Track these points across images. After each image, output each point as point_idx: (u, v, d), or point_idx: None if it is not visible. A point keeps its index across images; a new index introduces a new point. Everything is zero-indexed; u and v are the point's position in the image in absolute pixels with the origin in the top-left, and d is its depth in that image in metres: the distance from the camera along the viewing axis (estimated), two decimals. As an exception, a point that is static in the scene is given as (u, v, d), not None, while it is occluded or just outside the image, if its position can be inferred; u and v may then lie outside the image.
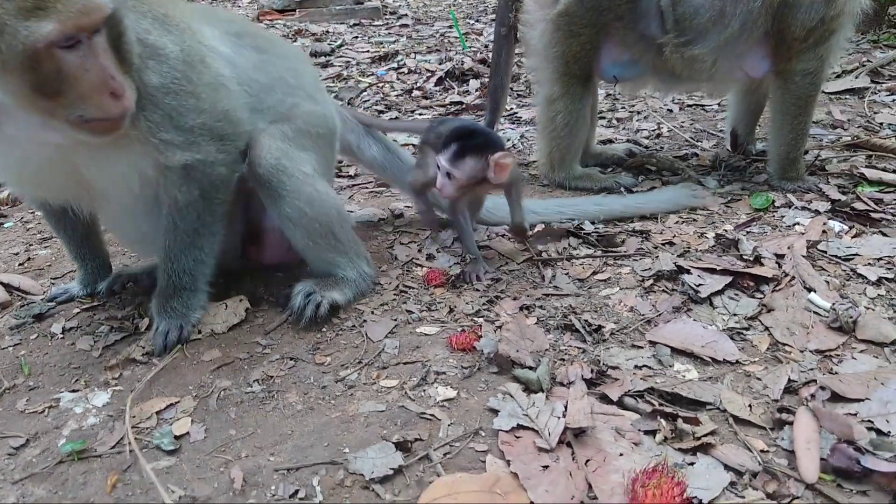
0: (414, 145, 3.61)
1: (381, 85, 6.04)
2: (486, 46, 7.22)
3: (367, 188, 3.78)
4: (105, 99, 1.99)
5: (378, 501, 1.80)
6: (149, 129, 2.20)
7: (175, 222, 2.41)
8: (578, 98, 3.38)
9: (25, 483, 1.95)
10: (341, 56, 7.41)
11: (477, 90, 5.61)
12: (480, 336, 2.35)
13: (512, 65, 3.89)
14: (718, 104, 4.79)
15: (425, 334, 2.46)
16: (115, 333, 2.59)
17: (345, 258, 2.64)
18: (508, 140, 4.34)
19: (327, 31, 8.74)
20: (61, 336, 2.60)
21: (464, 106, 5.21)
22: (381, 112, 5.27)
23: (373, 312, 2.59)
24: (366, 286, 2.67)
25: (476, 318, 2.51)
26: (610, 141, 4.20)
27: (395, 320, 2.54)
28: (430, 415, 2.08)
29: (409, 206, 3.40)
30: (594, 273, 2.76)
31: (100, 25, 1.94)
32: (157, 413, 2.16)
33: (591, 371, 2.20)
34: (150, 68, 2.18)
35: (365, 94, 5.82)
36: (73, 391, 2.29)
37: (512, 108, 5.22)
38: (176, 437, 2.06)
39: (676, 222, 3.14)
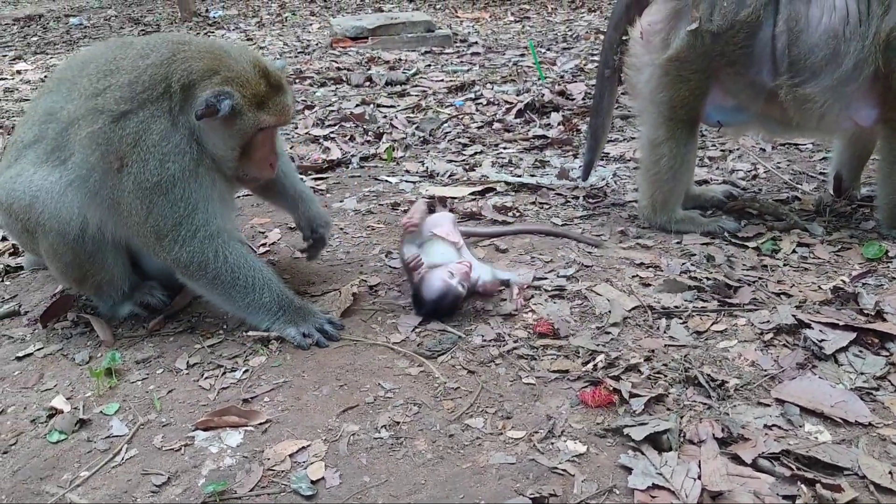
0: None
1: (460, 116, 6.10)
2: (562, 77, 7.24)
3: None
4: (265, 166, 2.83)
5: (521, 559, 1.81)
6: None
7: None
8: (684, 143, 3.37)
9: (172, 523, 2.02)
10: (416, 85, 7.51)
11: (560, 124, 5.63)
12: (616, 392, 2.34)
13: (613, 106, 3.90)
14: (813, 143, 4.72)
15: (543, 382, 2.47)
16: (227, 375, 2.65)
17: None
18: (602, 179, 4.34)
19: (399, 59, 8.86)
20: (186, 372, 2.68)
21: (549, 140, 5.23)
22: (464, 146, 5.32)
23: (493, 361, 2.61)
24: None
25: (595, 371, 2.50)
26: (705, 181, 4.17)
27: (512, 367, 2.56)
28: (563, 470, 2.09)
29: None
30: (713, 324, 2.73)
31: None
32: (290, 456, 2.22)
33: (722, 430, 2.18)
34: None
35: (446, 125, 5.87)
36: (207, 430, 2.36)
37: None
38: (312, 482, 2.11)
39: (788, 270, 3.09)
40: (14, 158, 2.88)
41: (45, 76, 9.22)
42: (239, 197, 4.08)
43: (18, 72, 9.72)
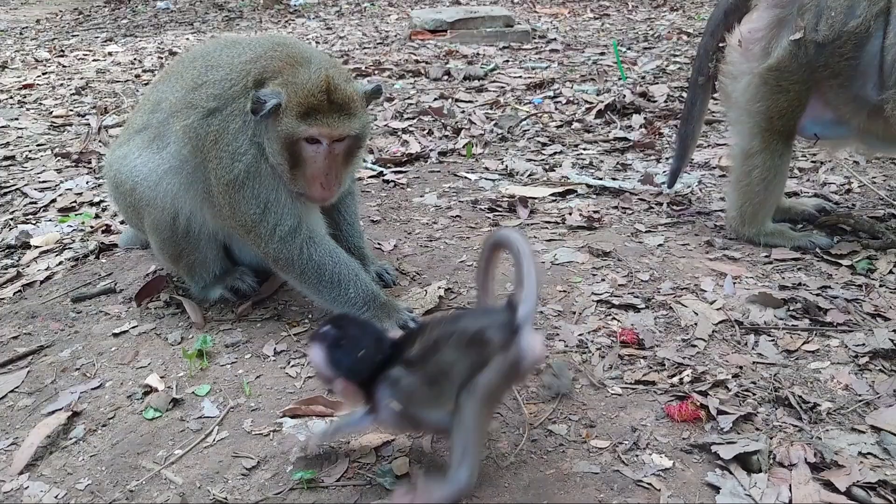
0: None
1: (539, 115, 6.06)
2: (643, 78, 7.12)
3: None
4: (316, 186, 2.75)
5: (605, 571, 1.81)
6: None
7: None
8: (778, 154, 3.28)
9: (261, 506, 2.09)
10: (495, 81, 7.49)
11: (641, 126, 5.54)
12: (703, 407, 2.31)
13: (705, 114, 3.82)
14: (911, 159, 4.53)
15: (627, 393, 2.45)
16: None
17: None
18: (687, 186, 4.26)
19: (478, 54, 8.85)
20: (273, 358, 2.76)
21: (630, 143, 5.15)
22: (543, 145, 5.29)
23: (576, 368, 2.60)
24: None
25: (681, 385, 2.47)
26: (795, 193, 4.05)
27: (594, 376, 2.54)
28: (648, 483, 2.07)
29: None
30: (804, 343, 2.66)
31: (336, 139, 2.70)
32: (375, 450, 2.26)
33: (815, 454, 2.13)
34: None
35: (524, 123, 5.85)
36: (294, 417, 2.42)
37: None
38: (397, 477, 2.15)
39: (884, 292, 2.99)
40: (126, 139, 3.04)
41: (134, 59, 9.56)
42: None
43: (109, 53, 10.10)
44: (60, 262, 3.90)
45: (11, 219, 4.71)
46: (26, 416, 2.58)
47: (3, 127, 6.54)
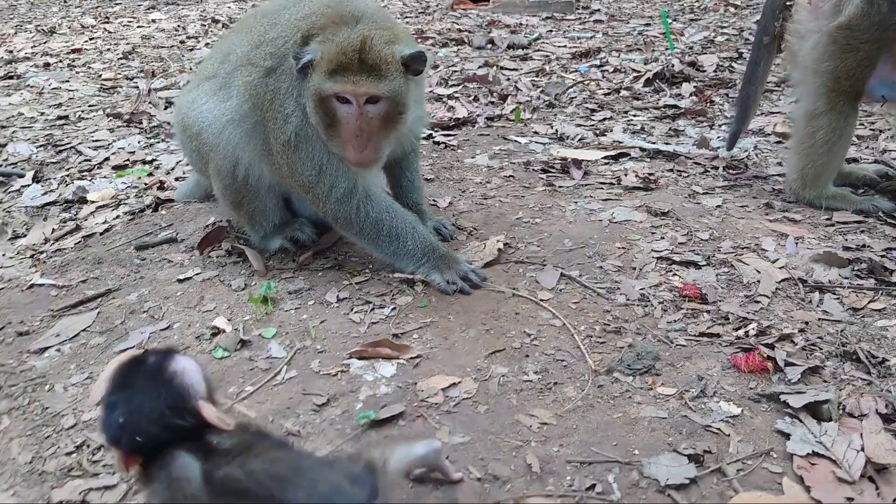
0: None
1: (586, 83, 6.02)
2: (691, 48, 7.02)
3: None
4: (349, 148, 2.70)
5: (678, 509, 1.83)
6: None
7: None
8: (844, 116, 3.22)
9: (334, 441, 2.13)
10: (539, 50, 7.44)
11: (692, 94, 5.47)
12: (770, 359, 2.31)
13: (768, 75, 3.77)
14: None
15: (692, 344, 2.45)
16: (376, 311, 2.74)
17: None
18: (744, 150, 4.21)
19: (520, 24, 8.79)
20: (336, 305, 2.80)
21: (682, 110, 5.10)
22: (592, 111, 5.25)
23: (639, 321, 2.61)
24: None
25: (746, 338, 2.46)
26: (854, 160, 3.98)
27: (659, 328, 2.55)
28: (717, 429, 2.08)
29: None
30: (870, 302, 2.64)
31: (367, 98, 2.63)
32: (443, 390, 2.29)
33: (886, 406, 2.12)
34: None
35: (571, 90, 5.81)
36: (361, 359, 2.46)
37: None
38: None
39: (949, 255, 2.94)
40: (196, 84, 3.10)
41: (178, 26, 9.64)
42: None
43: (153, 21, 10.19)
44: (117, 216, 3.98)
45: (67, 175, 4.81)
46: (99, 354, 2.65)
47: (55, 88, 6.66)
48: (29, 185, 4.71)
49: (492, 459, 2.02)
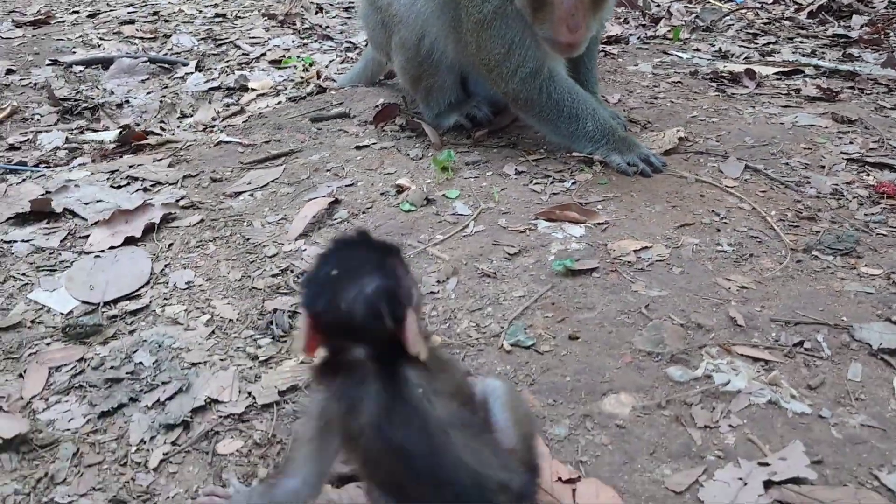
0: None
1: (743, 11, 5.76)
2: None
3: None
4: (562, 28, 2.59)
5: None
6: None
7: None
8: None
9: (529, 283, 2.19)
10: (688, -20, 7.17)
11: (863, 26, 5.17)
12: None
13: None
14: None
15: (893, 235, 2.37)
16: (556, 184, 2.76)
17: None
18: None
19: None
20: (514, 177, 2.83)
21: (853, 39, 4.83)
22: (754, 35, 5.04)
23: (833, 211, 2.53)
24: None
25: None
26: None
27: (856, 219, 2.47)
28: (930, 308, 2.01)
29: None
30: None
31: None
32: (634, 251, 2.30)
33: None
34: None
35: (727, 18, 5.58)
36: (549, 220, 2.49)
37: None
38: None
39: None
40: None
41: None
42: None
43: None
44: (279, 102, 4.13)
45: (227, 66, 5.02)
46: (289, 201, 2.79)
47: (211, -12, 6.90)
48: (192, 73, 4.94)
49: (692, 311, 2.03)
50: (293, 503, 1.32)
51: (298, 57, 5.03)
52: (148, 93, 4.68)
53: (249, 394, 1.86)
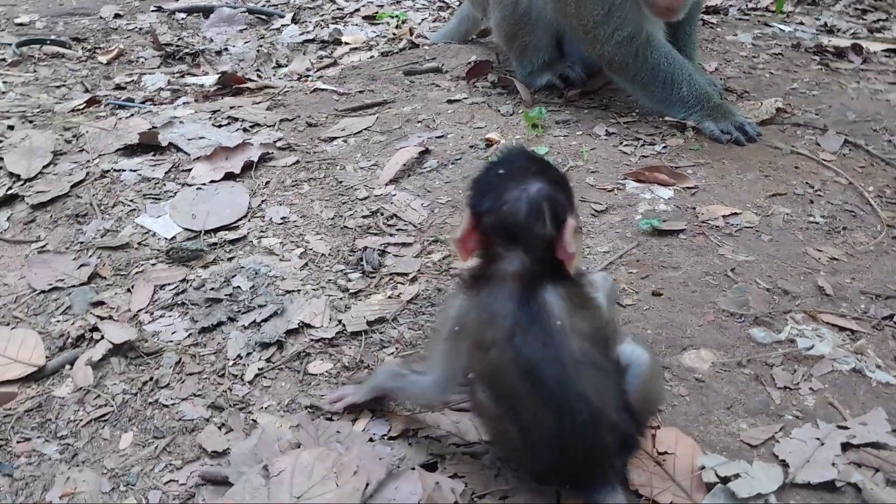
0: None
1: (853, -13, 5.52)
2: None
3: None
4: None
5: None
6: None
7: None
8: None
9: (615, 240, 2.21)
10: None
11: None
12: None
13: None
14: None
15: None
16: (646, 147, 2.75)
17: None
18: None
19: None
20: (604, 138, 2.84)
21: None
22: (863, 11, 4.83)
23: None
24: None
25: None
26: None
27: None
28: None
29: None
30: None
31: None
32: (723, 217, 2.29)
33: None
34: None
35: (836, -7, 5.36)
36: (637, 181, 2.50)
37: None
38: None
39: None
40: None
41: None
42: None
43: None
44: (371, 56, 4.21)
45: (321, 20, 5.12)
46: (381, 148, 2.86)
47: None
48: (288, 25, 5.07)
49: (779, 278, 2.02)
50: (421, 400, 1.42)
51: (392, 14, 5.10)
52: (245, 42, 4.83)
53: (339, 321, 1.96)
